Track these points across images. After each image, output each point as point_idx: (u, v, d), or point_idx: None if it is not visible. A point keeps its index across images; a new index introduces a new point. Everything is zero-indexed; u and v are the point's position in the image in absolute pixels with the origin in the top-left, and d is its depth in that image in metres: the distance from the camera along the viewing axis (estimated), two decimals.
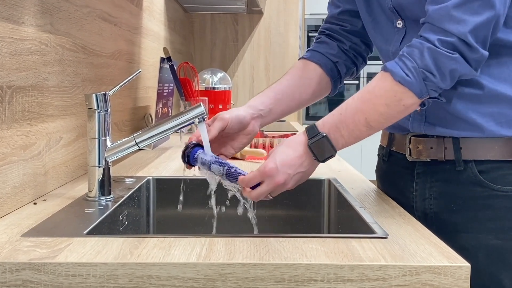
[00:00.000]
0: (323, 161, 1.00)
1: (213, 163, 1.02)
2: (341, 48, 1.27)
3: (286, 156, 0.98)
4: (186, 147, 1.05)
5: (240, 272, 0.75)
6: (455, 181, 1.08)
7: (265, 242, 0.83)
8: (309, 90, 1.23)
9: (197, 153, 1.04)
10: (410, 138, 1.13)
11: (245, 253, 0.78)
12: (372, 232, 0.91)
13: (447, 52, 0.93)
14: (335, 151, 0.99)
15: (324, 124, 0.99)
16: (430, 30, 0.96)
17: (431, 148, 1.10)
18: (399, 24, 1.10)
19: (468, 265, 0.76)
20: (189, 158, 1.05)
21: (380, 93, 0.97)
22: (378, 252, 0.80)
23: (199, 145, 1.05)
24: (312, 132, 0.99)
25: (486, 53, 0.96)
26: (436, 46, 0.94)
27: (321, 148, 0.98)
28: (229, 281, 0.75)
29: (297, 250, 0.80)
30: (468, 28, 0.93)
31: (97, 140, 1.09)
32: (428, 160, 1.11)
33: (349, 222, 1.13)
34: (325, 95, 1.28)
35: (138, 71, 1.18)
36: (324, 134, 0.98)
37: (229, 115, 1.11)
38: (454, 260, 0.77)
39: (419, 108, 0.99)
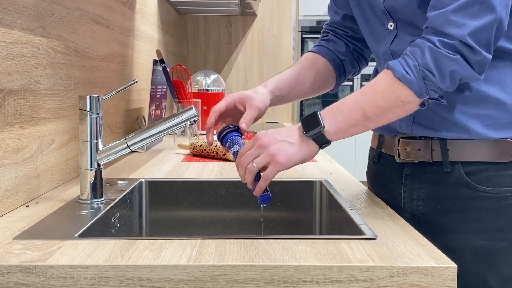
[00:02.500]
0: (314, 138, 1.02)
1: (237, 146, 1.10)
2: (347, 49, 1.32)
3: (279, 129, 1.05)
4: (225, 128, 1.12)
5: (230, 274, 0.75)
6: (443, 182, 1.09)
7: (255, 244, 0.84)
8: (316, 83, 1.29)
9: (232, 136, 1.11)
10: (399, 140, 1.15)
11: (235, 255, 0.79)
12: (362, 233, 0.91)
13: (447, 52, 0.94)
14: (322, 127, 1.00)
15: (323, 109, 1.04)
16: (432, 33, 0.97)
17: (419, 149, 1.11)
18: (391, 25, 1.11)
19: (455, 265, 0.77)
20: (224, 137, 1.11)
21: (380, 87, 1.00)
22: (367, 253, 0.81)
23: (236, 130, 1.12)
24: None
25: (489, 56, 0.96)
26: (437, 46, 0.95)
27: (310, 121, 1.02)
28: (219, 282, 0.75)
29: (287, 252, 0.81)
30: (468, 31, 0.93)
31: (89, 142, 1.10)
32: (416, 161, 1.12)
33: (339, 224, 1.14)
34: (327, 90, 1.34)
35: (134, 81, 1.19)
36: (317, 111, 1.03)
37: (262, 105, 1.16)
38: (441, 261, 0.78)
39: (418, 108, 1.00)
